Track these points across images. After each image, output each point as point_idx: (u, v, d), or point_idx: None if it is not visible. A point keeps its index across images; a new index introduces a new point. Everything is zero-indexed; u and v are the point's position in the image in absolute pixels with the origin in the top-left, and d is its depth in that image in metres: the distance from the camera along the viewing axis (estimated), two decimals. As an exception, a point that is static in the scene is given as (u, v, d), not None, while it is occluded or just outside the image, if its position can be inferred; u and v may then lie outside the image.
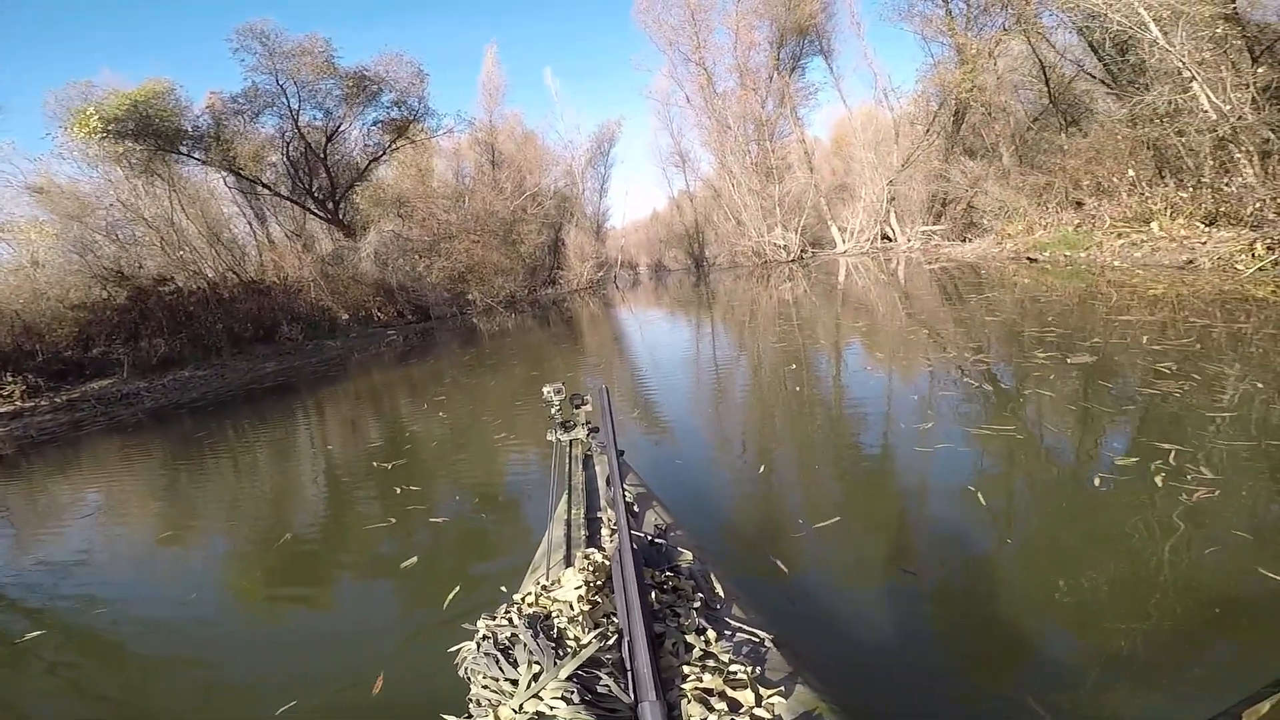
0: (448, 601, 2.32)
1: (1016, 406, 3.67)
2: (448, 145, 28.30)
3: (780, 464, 3.45)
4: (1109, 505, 2.35)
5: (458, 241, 18.97)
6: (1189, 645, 1.64)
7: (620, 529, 1.08)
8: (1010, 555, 2.18)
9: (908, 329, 6.78)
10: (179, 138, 19.36)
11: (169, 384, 11.01)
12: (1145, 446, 2.75)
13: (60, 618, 2.88)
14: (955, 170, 17.13)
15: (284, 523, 3.67)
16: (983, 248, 13.65)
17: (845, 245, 23.10)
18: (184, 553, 3.50)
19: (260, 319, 14.09)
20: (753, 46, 23.44)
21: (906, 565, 2.19)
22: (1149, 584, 1.87)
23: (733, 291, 16.11)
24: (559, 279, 26.27)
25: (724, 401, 5.18)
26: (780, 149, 24.31)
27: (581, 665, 0.91)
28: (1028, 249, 11.14)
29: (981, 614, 1.88)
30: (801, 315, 9.10)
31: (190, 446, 6.36)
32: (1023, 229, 12.31)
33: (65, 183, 22.77)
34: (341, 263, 17.72)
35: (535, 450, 4.09)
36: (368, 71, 21.44)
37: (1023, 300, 7.44)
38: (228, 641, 2.43)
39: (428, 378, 8.51)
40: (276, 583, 2.94)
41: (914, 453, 3.18)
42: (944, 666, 1.70)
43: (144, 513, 4.49)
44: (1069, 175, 13.71)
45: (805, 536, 2.47)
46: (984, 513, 2.47)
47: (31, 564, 3.67)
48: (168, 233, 22.71)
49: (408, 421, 5.92)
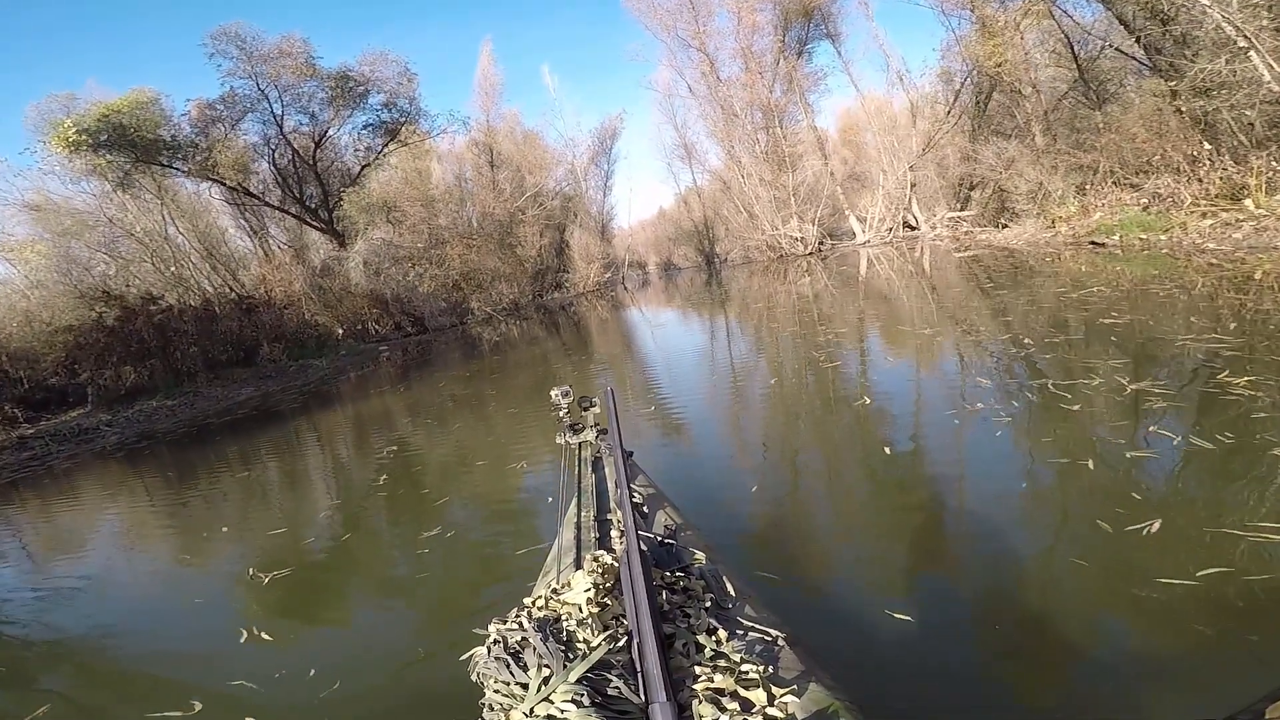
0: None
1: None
2: (446, 148, 27.39)
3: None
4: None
5: (450, 247, 17.81)
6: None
7: (628, 530, 1.09)
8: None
9: (993, 332, 5.52)
10: (157, 148, 18.40)
11: (133, 416, 10.01)
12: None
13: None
14: (987, 152, 15.74)
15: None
16: (1028, 233, 12.29)
17: (866, 235, 21.74)
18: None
19: (241, 340, 13.04)
20: (756, 30, 22.08)
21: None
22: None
23: (747, 290, 14.86)
24: (564, 282, 25.12)
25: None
26: (791, 136, 22.95)
27: (591, 668, 0.91)
28: (1089, 233, 9.81)
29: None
30: (827, 315, 7.88)
31: (80, 516, 5.28)
32: (1076, 211, 10.94)
33: (59, 200, 22.18)
34: (332, 274, 16.67)
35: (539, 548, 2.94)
36: (352, 72, 20.44)
37: (1129, 294, 5.98)
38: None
39: (404, 410, 7.39)
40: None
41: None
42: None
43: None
44: (1116, 153, 12.47)
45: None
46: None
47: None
48: (160, 248, 21.91)
49: (345, 497, 4.78)
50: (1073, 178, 14.44)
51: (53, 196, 22.55)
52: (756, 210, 23.25)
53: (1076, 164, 14.15)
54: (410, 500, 3.96)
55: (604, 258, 26.20)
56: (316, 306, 17.37)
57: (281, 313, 16.44)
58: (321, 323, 17.31)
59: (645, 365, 7.35)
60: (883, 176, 21.98)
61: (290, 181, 20.93)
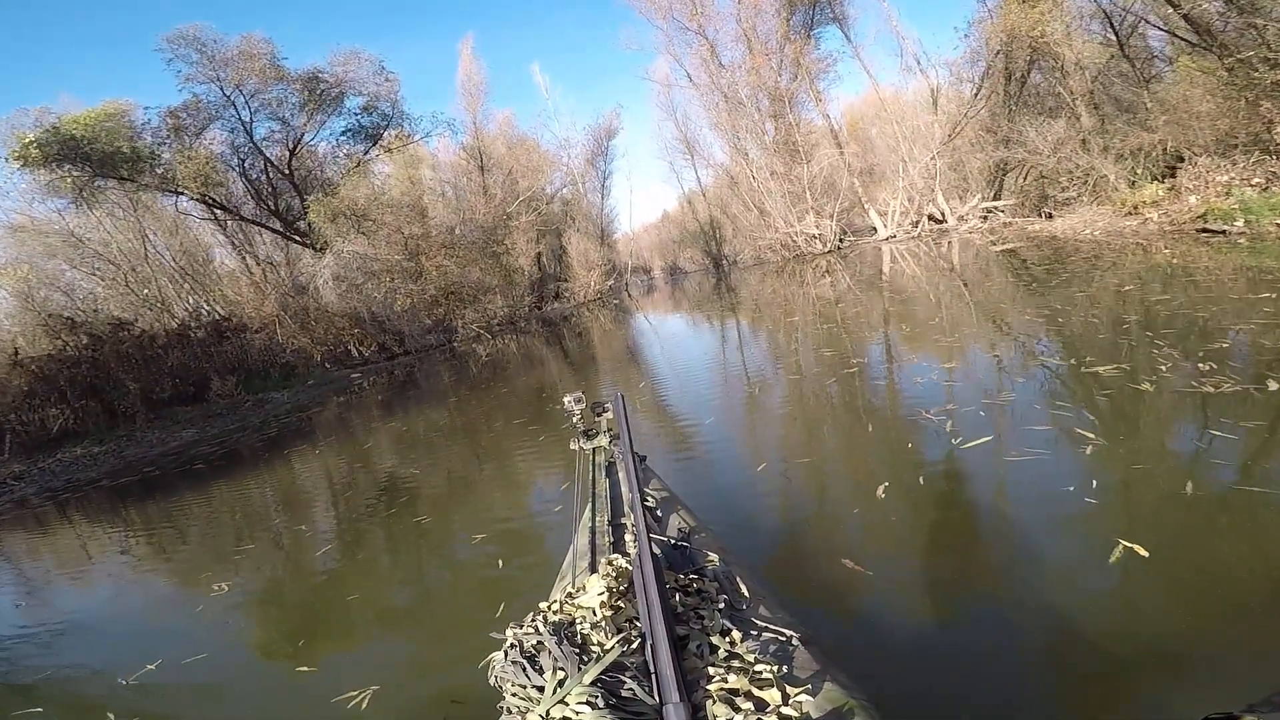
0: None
1: None
2: (445, 158, 25.85)
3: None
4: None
5: (426, 259, 16.16)
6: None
7: (639, 533, 1.09)
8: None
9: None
10: (114, 161, 16.94)
11: (51, 467, 8.49)
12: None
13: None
14: (1032, 133, 14.00)
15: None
16: (1101, 220, 10.50)
17: (889, 230, 20.00)
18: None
19: (191, 372, 11.51)
20: (759, 11, 20.43)
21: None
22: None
23: (760, 295, 13.17)
24: (564, 292, 23.49)
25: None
26: (803, 124, 21.25)
27: (606, 670, 0.91)
28: (1193, 218, 8.06)
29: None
30: (865, 335, 6.20)
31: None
32: (1166, 195, 9.19)
33: (43, 220, 20.96)
34: (304, 292, 15.14)
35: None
36: (323, 73, 18.97)
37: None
38: None
39: (356, 471, 5.78)
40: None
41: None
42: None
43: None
44: (1183, 131, 10.86)
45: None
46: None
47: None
48: (139, 267, 20.53)
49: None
50: (1132, 160, 12.78)
51: (36, 217, 21.40)
52: (768, 206, 21.53)
53: (1137, 145, 12.50)
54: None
55: (605, 264, 24.54)
56: (292, 329, 15.86)
57: (252, 337, 14.93)
58: (301, 346, 15.80)
59: (654, 382, 6.49)
60: (903, 167, 20.26)
61: (264, 193, 19.47)
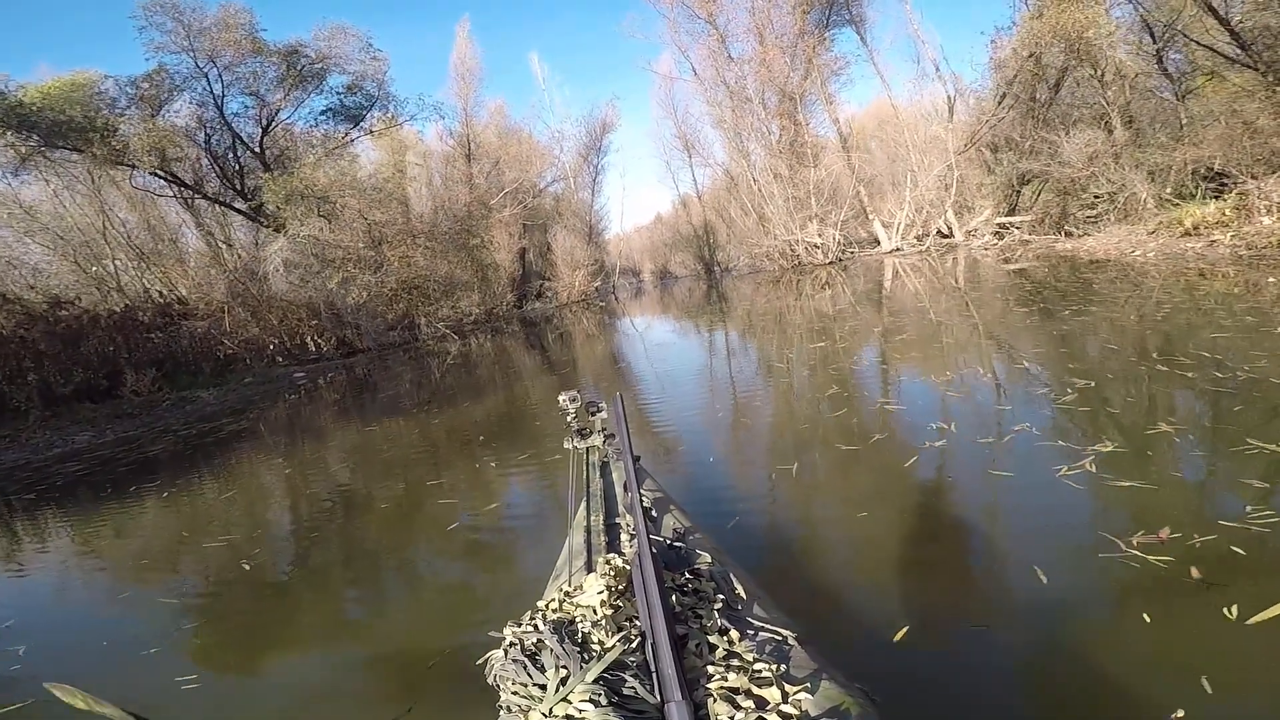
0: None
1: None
2: (437, 148, 24.52)
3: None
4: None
5: (389, 248, 14.82)
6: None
7: (639, 533, 1.09)
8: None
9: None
10: (61, 131, 15.57)
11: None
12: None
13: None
14: (1066, 145, 12.83)
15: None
16: (1155, 242, 9.25)
17: (895, 242, 18.83)
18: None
19: (106, 362, 10.18)
20: (774, 3, 19.29)
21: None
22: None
23: (753, 305, 11.95)
24: (547, 291, 22.20)
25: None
26: (812, 129, 20.07)
27: (607, 668, 0.91)
28: (1275, 243, 6.85)
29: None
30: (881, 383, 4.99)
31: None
32: (1233, 215, 7.99)
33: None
34: (255, 278, 13.80)
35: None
36: (305, 46, 17.68)
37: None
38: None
39: (273, 508, 4.48)
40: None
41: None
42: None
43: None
44: (1231, 147, 9.84)
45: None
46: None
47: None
48: (95, 242, 19.18)
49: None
50: (1162, 177, 11.69)
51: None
52: (768, 211, 20.33)
53: (1171, 161, 11.40)
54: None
55: (593, 264, 23.26)
56: (243, 317, 14.54)
57: (193, 325, 13.61)
58: (252, 337, 14.49)
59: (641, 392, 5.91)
60: (912, 176, 19.12)
61: (230, 171, 18.13)
